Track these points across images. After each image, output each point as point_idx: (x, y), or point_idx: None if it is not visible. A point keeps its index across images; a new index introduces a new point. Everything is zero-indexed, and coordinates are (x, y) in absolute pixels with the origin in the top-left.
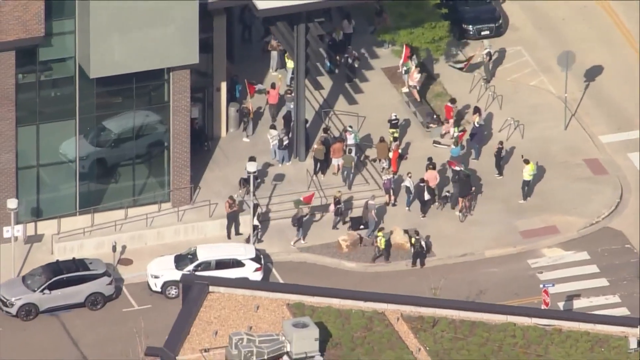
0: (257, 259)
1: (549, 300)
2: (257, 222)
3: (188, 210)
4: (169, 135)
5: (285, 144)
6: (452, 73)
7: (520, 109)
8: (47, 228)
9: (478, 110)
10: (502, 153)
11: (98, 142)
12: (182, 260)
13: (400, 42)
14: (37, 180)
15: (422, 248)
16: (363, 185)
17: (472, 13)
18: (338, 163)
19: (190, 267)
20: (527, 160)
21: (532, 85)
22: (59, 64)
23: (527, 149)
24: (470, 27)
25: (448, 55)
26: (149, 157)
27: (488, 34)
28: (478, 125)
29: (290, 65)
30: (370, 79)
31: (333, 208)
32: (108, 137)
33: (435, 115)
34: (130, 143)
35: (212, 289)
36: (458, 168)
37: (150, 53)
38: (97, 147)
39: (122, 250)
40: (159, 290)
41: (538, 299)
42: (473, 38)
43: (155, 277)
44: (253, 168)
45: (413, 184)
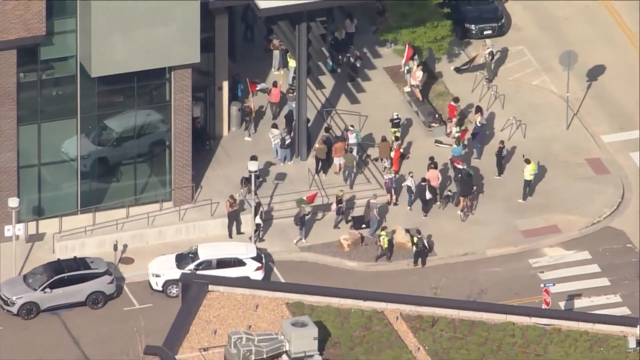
0: (258, 258)
1: (550, 300)
2: (259, 220)
3: (189, 209)
4: (171, 134)
5: (287, 143)
6: (454, 72)
7: (522, 109)
8: (48, 227)
9: (480, 110)
10: (503, 152)
11: (99, 141)
12: (183, 259)
13: (403, 41)
14: (38, 179)
15: (425, 247)
16: (364, 185)
17: (474, 12)
18: (340, 162)
19: (192, 266)
20: (528, 160)
21: (534, 85)
22: (61, 63)
23: (529, 149)
24: (473, 26)
25: (450, 55)
26: (151, 156)
27: (490, 34)
28: (480, 125)
29: (292, 65)
30: (373, 78)
31: (335, 207)
32: (109, 136)
33: (437, 115)
34: (132, 142)
35: (211, 288)
36: (461, 166)
37: (152, 52)
38: (98, 146)
39: (123, 249)
40: (160, 289)
41: (539, 299)
42: (475, 37)
43: (157, 276)
44: (254, 167)
45: (414, 184)
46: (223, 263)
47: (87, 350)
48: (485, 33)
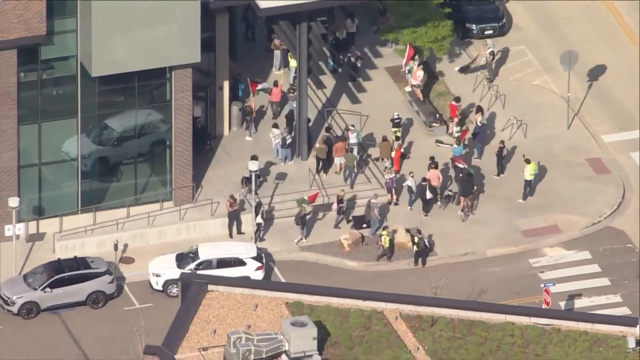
0: (258, 258)
1: (550, 300)
2: (260, 219)
3: (190, 209)
4: (171, 134)
5: (288, 143)
6: (455, 72)
7: (523, 108)
8: (48, 226)
9: (480, 110)
10: (503, 152)
11: (100, 140)
12: (183, 259)
13: (404, 41)
14: (39, 179)
15: (426, 247)
16: (365, 185)
17: (475, 12)
18: (340, 162)
19: (192, 265)
20: (528, 160)
21: (535, 85)
22: (61, 63)
23: (529, 148)
24: (474, 26)
25: (451, 55)
26: (151, 155)
27: (491, 34)
28: (480, 125)
29: (293, 64)
30: (373, 78)
31: (335, 207)
32: (110, 135)
33: (438, 115)
34: (132, 142)
35: (210, 288)
36: (462, 165)
37: (152, 52)
38: (99, 145)
39: (123, 249)
40: (161, 289)
41: (539, 299)
42: (476, 37)
43: (157, 275)
44: (255, 167)
45: (415, 183)
46: (223, 263)
47: (87, 350)
48: (486, 33)
